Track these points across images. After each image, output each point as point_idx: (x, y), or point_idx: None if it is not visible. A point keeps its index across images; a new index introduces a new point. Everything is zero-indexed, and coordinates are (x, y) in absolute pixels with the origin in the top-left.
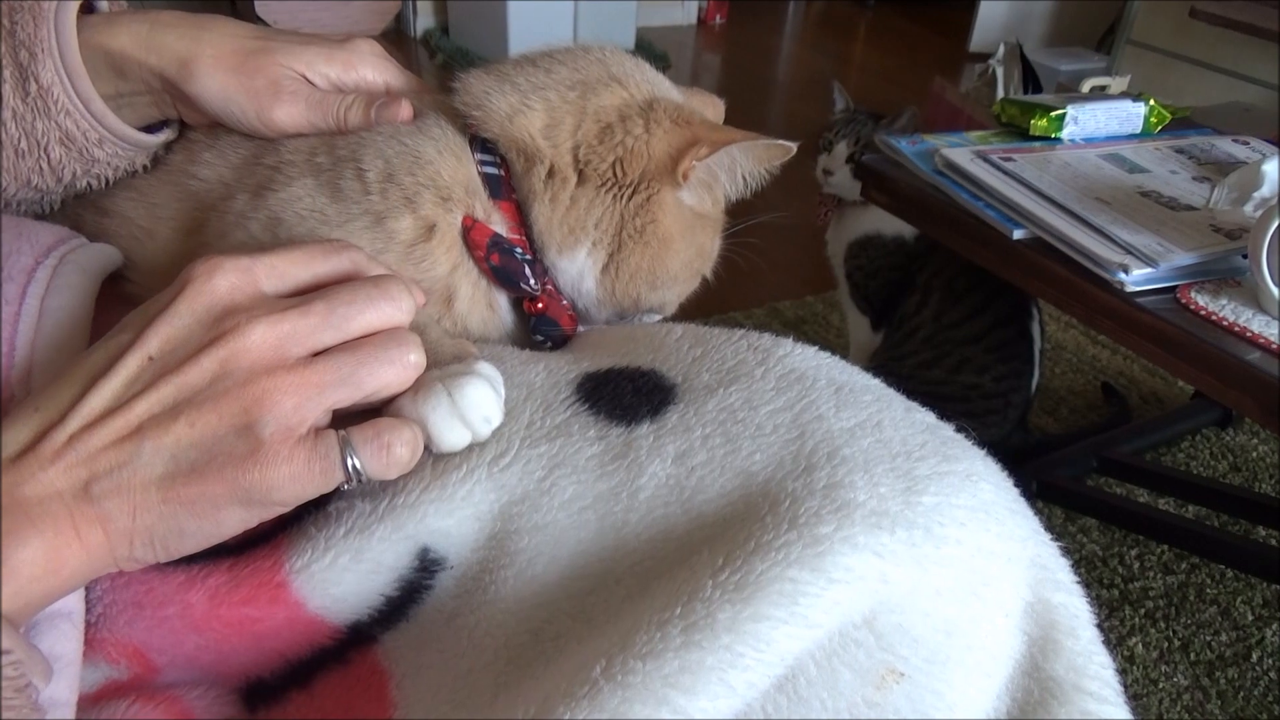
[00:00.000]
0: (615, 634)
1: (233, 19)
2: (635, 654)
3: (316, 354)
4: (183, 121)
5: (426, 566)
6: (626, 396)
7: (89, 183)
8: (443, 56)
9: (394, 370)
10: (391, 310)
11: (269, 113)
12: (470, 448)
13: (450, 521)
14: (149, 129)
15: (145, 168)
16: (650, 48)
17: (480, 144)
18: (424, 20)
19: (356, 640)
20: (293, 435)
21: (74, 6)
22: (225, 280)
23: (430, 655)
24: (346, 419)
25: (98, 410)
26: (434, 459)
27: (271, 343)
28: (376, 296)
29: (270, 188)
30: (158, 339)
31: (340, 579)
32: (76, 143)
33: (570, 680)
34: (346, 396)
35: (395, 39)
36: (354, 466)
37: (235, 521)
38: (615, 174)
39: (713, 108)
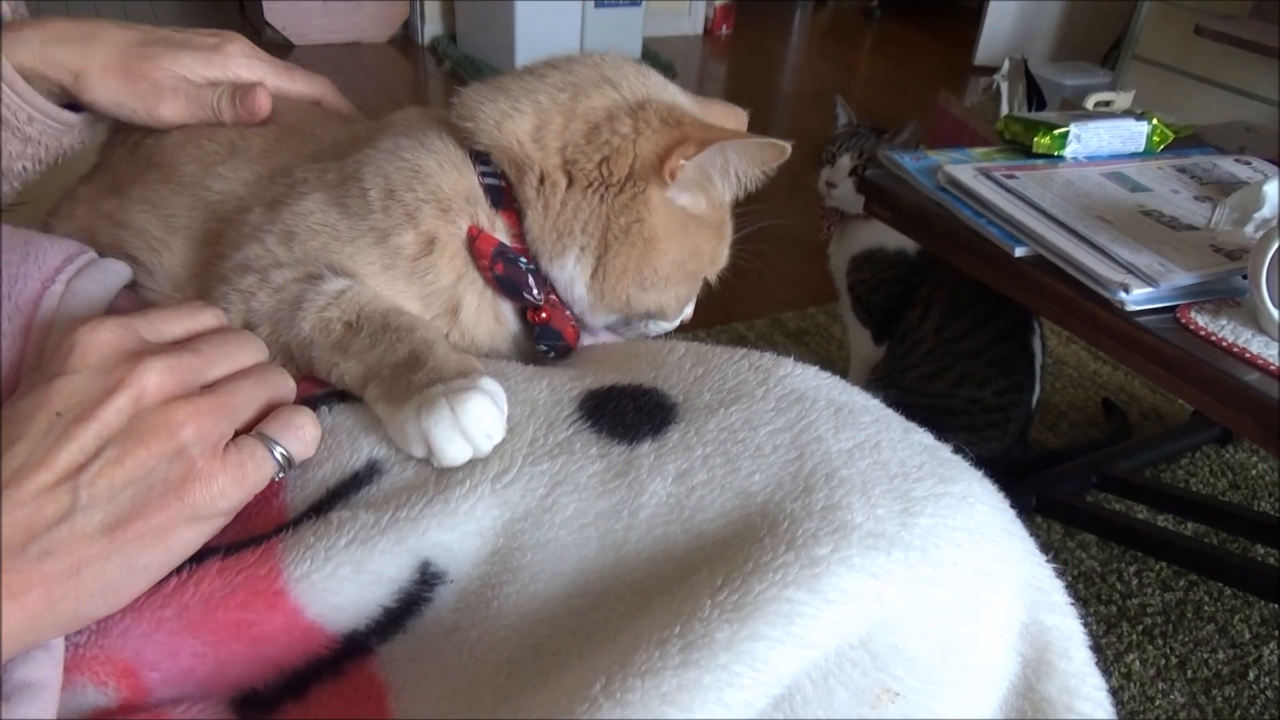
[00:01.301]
0: (615, 651)
1: (119, 23)
2: (634, 672)
3: (209, 386)
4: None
5: (427, 580)
6: (628, 415)
7: (24, 165)
8: (450, 64)
9: (281, 392)
10: (255, 351)
11: (155, 110)
12: (474, 464)
13: (452, 536)
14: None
15: (73, 149)
16: (656, 57)
17: (482, 156)
18: (431, 28)
19: (352, 651)
20: (217, 449)
21: None
22: (110, 334)
23: (429, 668)
24: None
25: (14, 468)
26: (437, 474)
27: (173, 378)
28: (241, 340)
29: (284, 202)
30: (59, 396)
31: (340, 589)
32: (9, 124)
33: (570, 696)
34: (247, 413)
35: (403, 46)
36: (281, 454)
37: (185, 544)
38: (602, 174)
39: (734, 118)
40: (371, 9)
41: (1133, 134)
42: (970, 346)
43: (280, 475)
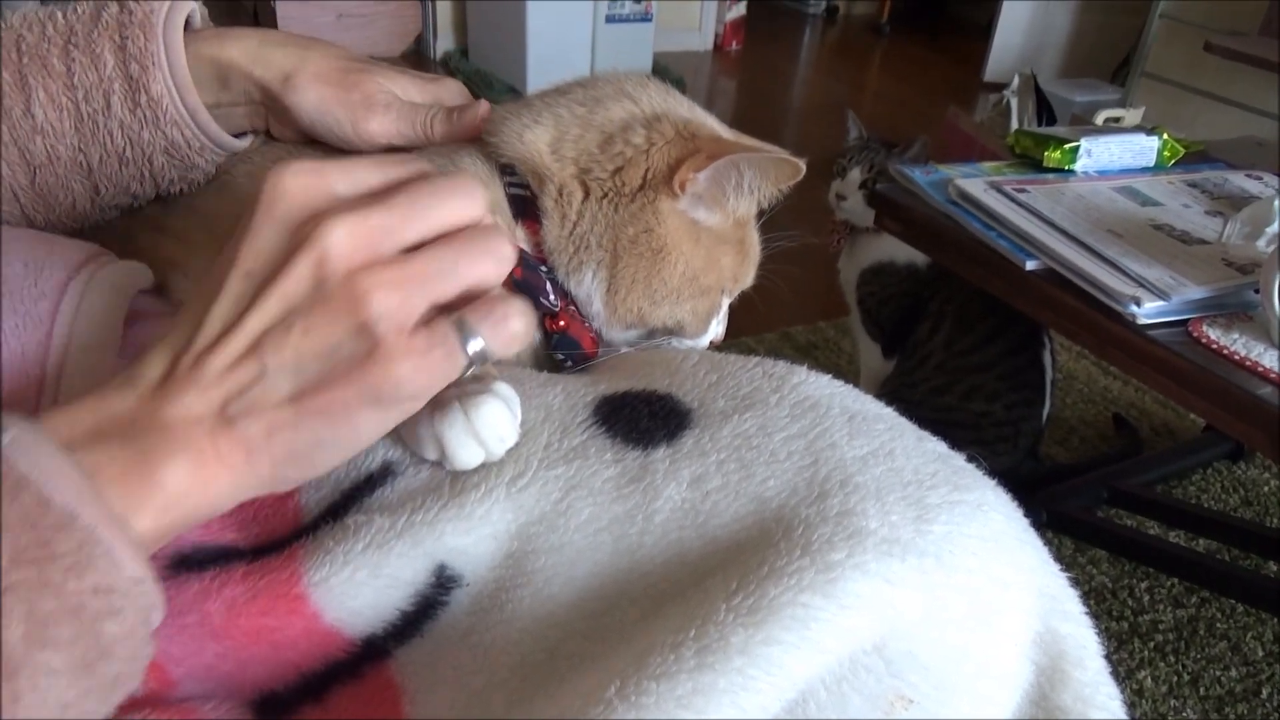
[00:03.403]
0: (629, 655)
1: (334, 44)
2: (649, 675)
3: (409, 250)
4: (268, 133)
5: (443, 583)
6: (643, 420)
7: (181, 188)
8: (462, 78)
9: (490, 262)
10: (469, 204)
11: (363, 124)
12: (489, 468)
13: (468, 540)
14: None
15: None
16: (666, 72)
17: (509, 169)
18: (444, 42)
19: (370, 654)
20: (405, 328)
21: (181, 22)
22: (296, 182)
23: (444, 671)
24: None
25: (215, 331)
26: (452, 477)
27: (360, 241)
28: (453, 190)
29: None
30: (249, 252)
31: (358, 592)
32: (180, 151)
33: (585, 700)
34: (447, 290)
35: (415, 61)
36: (475, 349)
37: (372, 426)
38: (615, 184)
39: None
40: (385, 23)
41: (1143, 149)
42: (980, 360)
43: (471, 370)
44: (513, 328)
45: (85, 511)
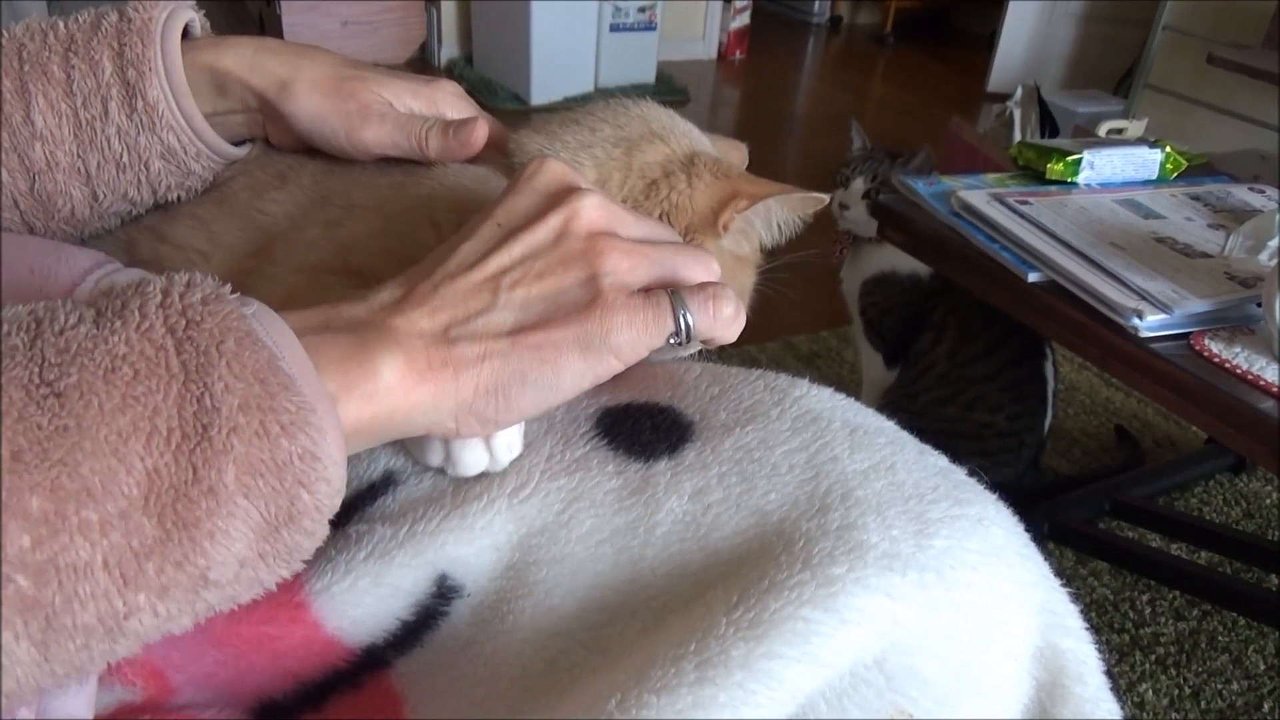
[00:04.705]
0: (630, 667)
1: (330, 51)
2: (650, 688)
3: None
4: (266, 141)
5: (444, 593)
6: (645, 433)
7: (179, 195)
8: (466, 86)
9: (701, 268)
10: (706, 270)
11: (358, 133)
12: (491, 478)
13: (469, 550)
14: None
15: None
16: (670, 81)
17: None
18: (448, 49)
19: (370, 664)
20: (627, 289)
21: (179, 29)
22: (559, 165)
23: (444, 682)
24: None
25: (458, 265)
26: (454, 487)
27: (604, 214)
28: (697, 253)
29: (342, 224)
30: (503, 209)
31: (359, 601)
32: (176, 157)
33: (585, 712)
34: (664, 275)
35: (419, 68)
36: (685, 321)
37: (574, 372)
38: None
39: (737, 152)
40: (389, 31)
41: (1146, 161)
42: (983, 371)
43: (675, 341)
44: (724, 310)
45: (305, 383)
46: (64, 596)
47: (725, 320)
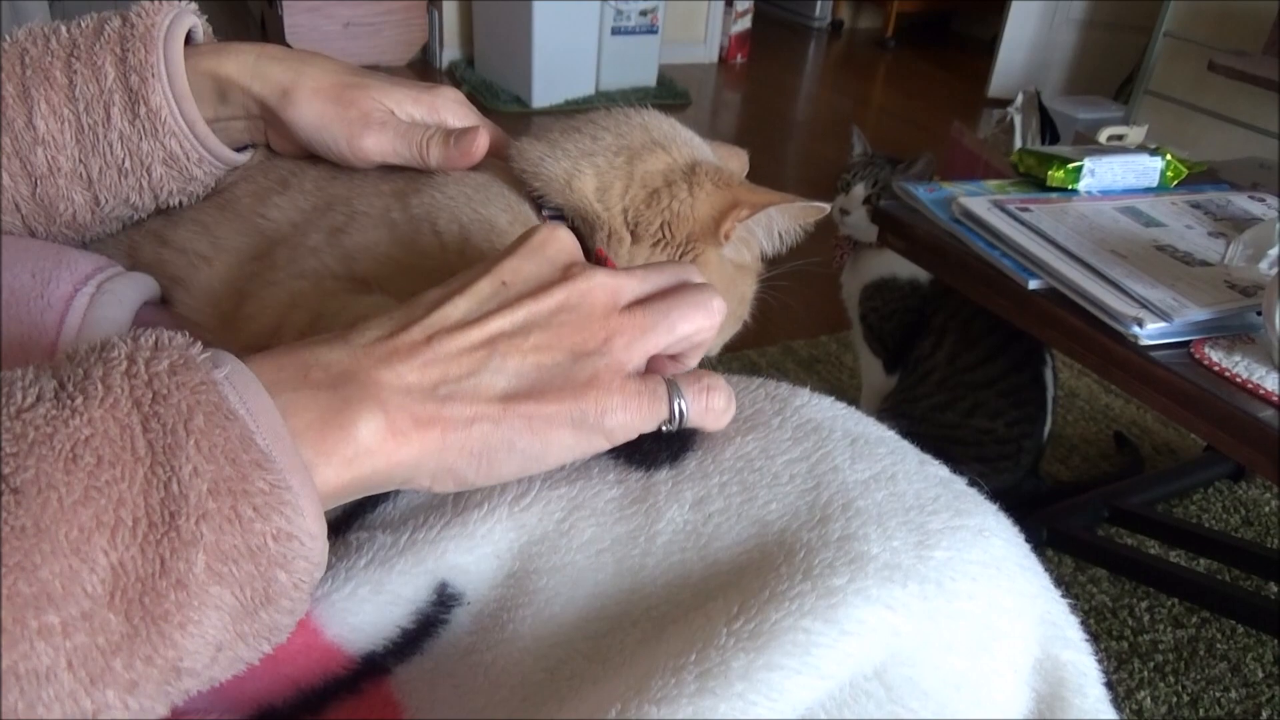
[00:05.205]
0: (631, 677)
1: (332, 58)
2: (650, 699)
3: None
4: (268, 147)
5: (444, 601)
6: (646, 441)
7: (180, 200)
8: (468, 88)
9: (702, 314)
10: (708, 318)
11: (359, 140)
12: (492, 487)
13: (470, 558)
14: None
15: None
16: (672, 85)
17: (542, 208)
18: (450, 52)
19: (370, 671)
20: (622, 371)
21: (181, 35)
22: (569, 237)
23: (444, 690)
24: None
25: (455, 319)
26: (455, 496)
27: (610, 290)
28: (699, 304)
29: (346, 231)
30: (509, 270)
31: (359, 609)
32: (179, 162)
33: None
34: (662, 340)
35: (421, 70)
36: (679, 407)
37: (562, 446)
38: (664, 234)
39: (737, 159)
40: (391, 33)
41: (1146, 169)
42: (982, 377)
43: (668, 426)
44: (715, 401)
45: (279, 456)
46: (27, 703)
47: (717, 412)
